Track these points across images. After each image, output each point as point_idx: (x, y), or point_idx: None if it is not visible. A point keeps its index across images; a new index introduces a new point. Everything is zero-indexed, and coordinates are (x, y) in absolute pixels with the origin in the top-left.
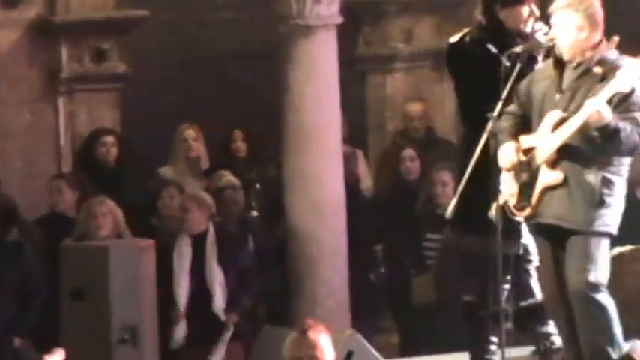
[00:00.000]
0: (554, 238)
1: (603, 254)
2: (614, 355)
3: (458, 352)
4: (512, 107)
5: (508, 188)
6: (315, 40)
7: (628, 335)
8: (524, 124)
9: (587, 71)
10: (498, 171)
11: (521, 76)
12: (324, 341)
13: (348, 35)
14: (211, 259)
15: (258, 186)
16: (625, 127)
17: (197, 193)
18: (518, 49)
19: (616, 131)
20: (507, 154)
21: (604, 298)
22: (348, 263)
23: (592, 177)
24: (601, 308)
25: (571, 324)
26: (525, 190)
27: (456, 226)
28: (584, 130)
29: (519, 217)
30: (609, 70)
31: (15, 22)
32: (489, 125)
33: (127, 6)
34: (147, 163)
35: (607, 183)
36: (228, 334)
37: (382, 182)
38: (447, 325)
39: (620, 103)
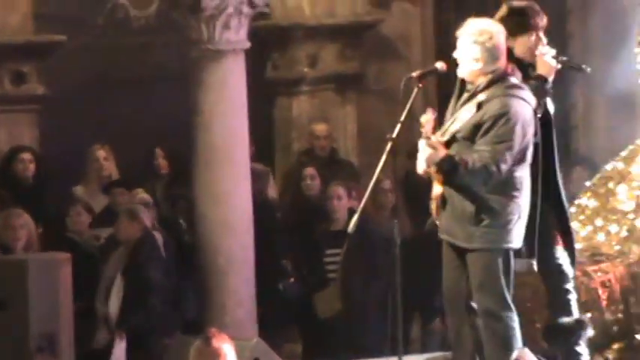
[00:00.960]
0: (452, 246)
1: (501, 275)
2: None
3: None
4: None
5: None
6: (225, 64)
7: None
8: None
9: (472, 98)
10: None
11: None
12: (227, 350)
13: (256, 59)
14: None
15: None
16: (467, 160)
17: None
18: (414, 74)
19: (454, 166)
20: (419, 163)
21: (509, 317)
22: (256, 276)
23: (475, 200)
24: (503, 331)
25: (460, 325)
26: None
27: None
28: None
29: (437, 220)
30: (487, 101)
31: None
32: (388, 146)
33: (45, 31)
34: (64, 181)
35: (486, 205)
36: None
37: (286, 199)
38: (348, 335)
39: (485, 133)
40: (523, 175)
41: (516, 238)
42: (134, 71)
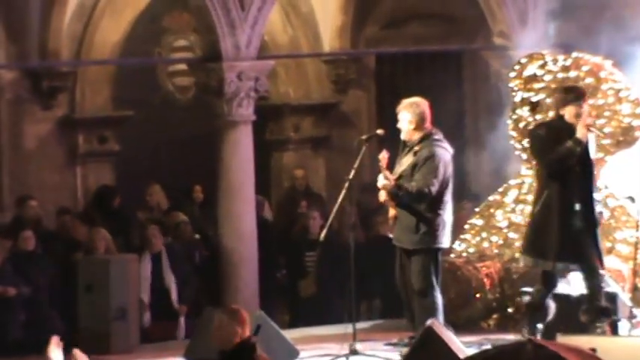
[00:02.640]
0: (403, 250)
1: (429, 265)
2: None
3: (330, 325)
4: None
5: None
6: (239, 130)
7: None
8: None
9: (410, 150)
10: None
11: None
12: (246, 316)
13: (259, 127)
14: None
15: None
16: (408, 187)
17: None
18: (363, 137)
19: (396, 192)
20: (380, 195)
21: (434, 296)
22: (259, 268)
23: (415, 216)
24: (429, 306)
25: (409, 302)
26: None
27: (531, 252)
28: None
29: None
30: (420, 149)
31: None
32: (346, 184)
33: (120, 108)
34: (133, 207)
35: (424, 219)
36: (182, 318)
37: (280, 218)
38: (322, 309)
39: (419, 169)
40: (446, 198)
41: (443, 241)
42: (177, 134)
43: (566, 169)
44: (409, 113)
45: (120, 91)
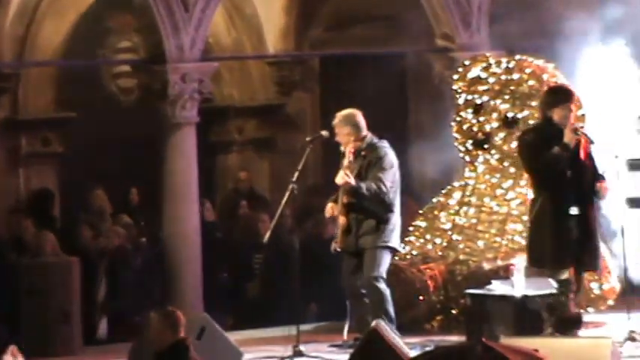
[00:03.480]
0: (355, 256)
1: (384, 259)
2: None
3: (274, 327)
4: None
5: (335, 230)
6: (183, 132)
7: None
8: None
9: (358, 155)
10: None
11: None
12: (180, 318)
13: (203, 129)
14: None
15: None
16: (369, 186)
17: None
18: (307, 138)
19: (359, 188)
20: (327, 209)
21: (382, 286)
22: (202, 271)
23: (374, 218)
24: (381, 292)
25: (356, 304)
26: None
27: (532, 262)
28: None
29: (338, 248)
30: (368, 152)
31: None
32: (290, 187)
33: (62, 109)
34: (76, 210)
35: (383, 219)
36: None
37: (224, 220)
38: (267, 311)
39: (372, 170)
40: (397, 199)
41: (397, 241)
42: (121, 136)
43: (556, 174)
44: (346, 126)
45: (63, 93)
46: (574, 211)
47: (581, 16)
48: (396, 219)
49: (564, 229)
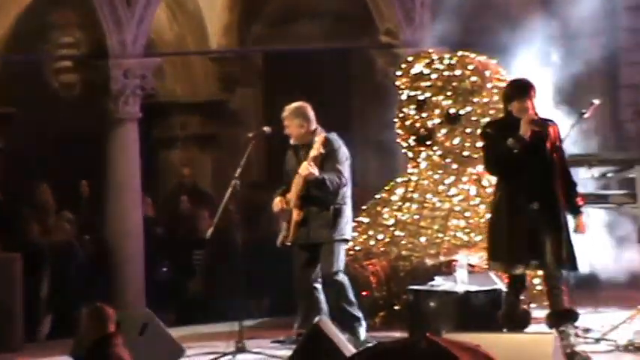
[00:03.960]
0: (307, 249)
1: (341, 253)
2: (351, 310)
3: (217, 323)
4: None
5: (283, 226)
6: (125, 128)
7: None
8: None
9: (309, 148)
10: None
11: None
12: (109, 313)
13: (146, 125)
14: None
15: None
16: (332, 178)
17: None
18: (250, 134)
19: (323, 180)
20: (275, 203)
21: (342, 278)
22: (145, 267)
23: (329, 211)
24: (342, 284)
25: (307, 300)
26: (288, 225)
27: (490, 257)
28: (305, 184)
29: (288, 242)
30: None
31: None
32: (232, 182)
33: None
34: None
35: (338, 211)
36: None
37: (166, 216)
38: (210, 307)
39: (328, 162)
40: (349, 191)
41: (348, 232)
42: (64, 132)
43: (511, 167)
44: (296, 119)
45: (4, 88)
46: (534, 205)
47: (525, 13)
48: (349, 211)
49: (520, 224)
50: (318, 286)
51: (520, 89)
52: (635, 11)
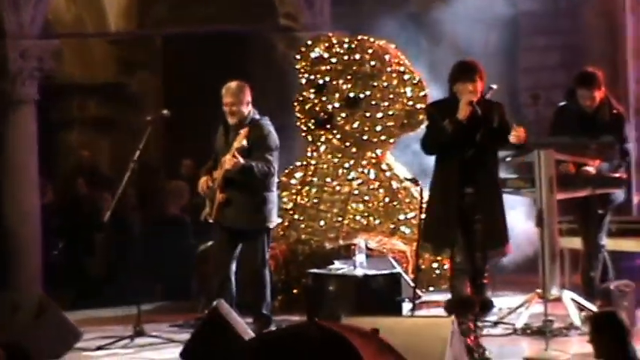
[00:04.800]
0: (227, 231)
1: (265, 243)
2: (265, 310)
3: (115, 307)
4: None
5: (207, 202)
6: (23, 109)
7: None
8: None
9: (238, 130)
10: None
11: None
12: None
13: (44, 106)
14: None
15: None
16: (257, 164)
17: None
18: (149, 118)
19: (250, 168)
20: (200, 183)
21: (265, 275)
22: (42, 250)
23: (253, 197)
24: (265, 280)
25: (224, 283)
26: (212, 203)
27: (424, 239)
28: (228, 172)
29: (210, 219)
30: (251, 129)
31: None
32: (131, 165)
33: None
34: None
35: (263, 198)
36: None
37: (65, 199)
38: (108, 290)
39: (257, 148)
40: (275, 179)
41: (275, 219)
42: None
43: (446, 149)
44: (239, 96)
45: None
46: (469, 189)
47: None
48: (275, 199)
49: (452, 207)
50: (233, 268)
51: (463, 71)
52: None
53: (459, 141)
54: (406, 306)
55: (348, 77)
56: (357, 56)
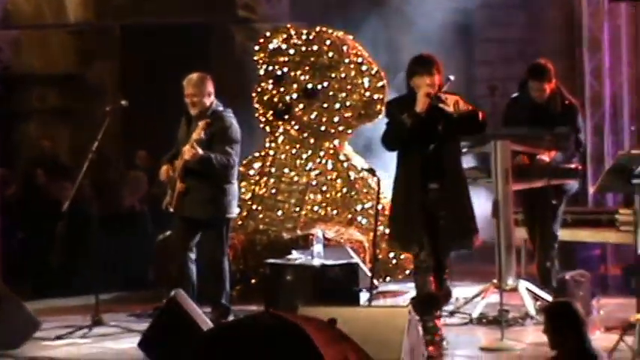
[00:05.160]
0: (186, 221)
1: (225, 235)
2: (224, 301)
3: (74, 297)
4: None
5: (168, 191)
6: None
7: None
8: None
9: (199, 121)
10: None
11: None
12: None
13: (4, 97)
14: None
15: None
16: (216, 156)
17: None
18: (107, 108)
19: (209, 159)
20: (162, 171)
21: (225, 265)
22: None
23: (212, 188)
24: (224, 271)
25: (183, 269)
26: (172, 192)
27: (389, 236)
28: (187, 163)
29: (171, 208)
30: (213, 120)
31: None
32: (90, 155)
33: None
34: None
35: (222, 190)
36: None
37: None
38: (67, 280)
39: (219, 140)
40: (237, 168)
41: (234, 211)
42: None
43: (406, 145)
44: (200, 87)
45: None
46: (433, 185)
47: None
48: (235, 190)
49: (416, 203)
50: (192, 256)
51: (420, 64)
52: None
53: (420, 135)
54: (363, 296)
55: (306, 68)
56: (315, 47)
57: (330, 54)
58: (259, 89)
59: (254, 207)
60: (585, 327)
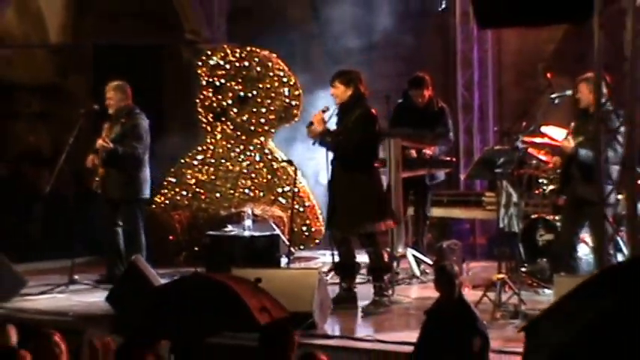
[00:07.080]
0: (111, 203)
1: (139, 212)
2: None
3: (52, 260)
4: None
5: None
6: None
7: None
8: None
9: (118, 120)
10: None
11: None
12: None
13: None
14: None
15: None
16: (124, 148)
17: None
18: (82, 110)
19: (115, 150)
20: (88, 159)
21: (142, 238)
22: None
23: (125, 173)
24: (142, 243)
25: (109, 243)
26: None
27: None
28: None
29: (98, 190)
30: (127, 119)
31: None
32: (65, 153)
33: None
34: None
35: (134, 175)
36: None
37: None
38: (47, 248)
39: (129, 135)
40: (146, 158)
41: (146, 193)
42: None
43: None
44: (117, 92)
45: None
46: (324, 177)
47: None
48: (146, 175)
49: (328, 194)
50: (119, 230)
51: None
52: (389, 15)
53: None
54: (283, 260)
55: (240, 80)
56: (247, 63)
57: (259, 68)
58: (202, 96)
59: (197, 190)
60: (459, 282)
